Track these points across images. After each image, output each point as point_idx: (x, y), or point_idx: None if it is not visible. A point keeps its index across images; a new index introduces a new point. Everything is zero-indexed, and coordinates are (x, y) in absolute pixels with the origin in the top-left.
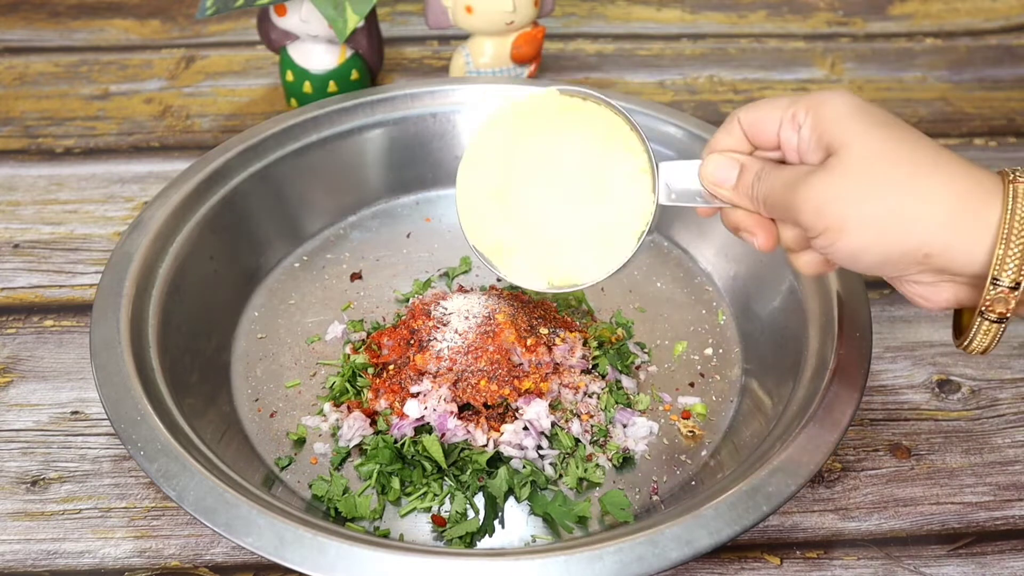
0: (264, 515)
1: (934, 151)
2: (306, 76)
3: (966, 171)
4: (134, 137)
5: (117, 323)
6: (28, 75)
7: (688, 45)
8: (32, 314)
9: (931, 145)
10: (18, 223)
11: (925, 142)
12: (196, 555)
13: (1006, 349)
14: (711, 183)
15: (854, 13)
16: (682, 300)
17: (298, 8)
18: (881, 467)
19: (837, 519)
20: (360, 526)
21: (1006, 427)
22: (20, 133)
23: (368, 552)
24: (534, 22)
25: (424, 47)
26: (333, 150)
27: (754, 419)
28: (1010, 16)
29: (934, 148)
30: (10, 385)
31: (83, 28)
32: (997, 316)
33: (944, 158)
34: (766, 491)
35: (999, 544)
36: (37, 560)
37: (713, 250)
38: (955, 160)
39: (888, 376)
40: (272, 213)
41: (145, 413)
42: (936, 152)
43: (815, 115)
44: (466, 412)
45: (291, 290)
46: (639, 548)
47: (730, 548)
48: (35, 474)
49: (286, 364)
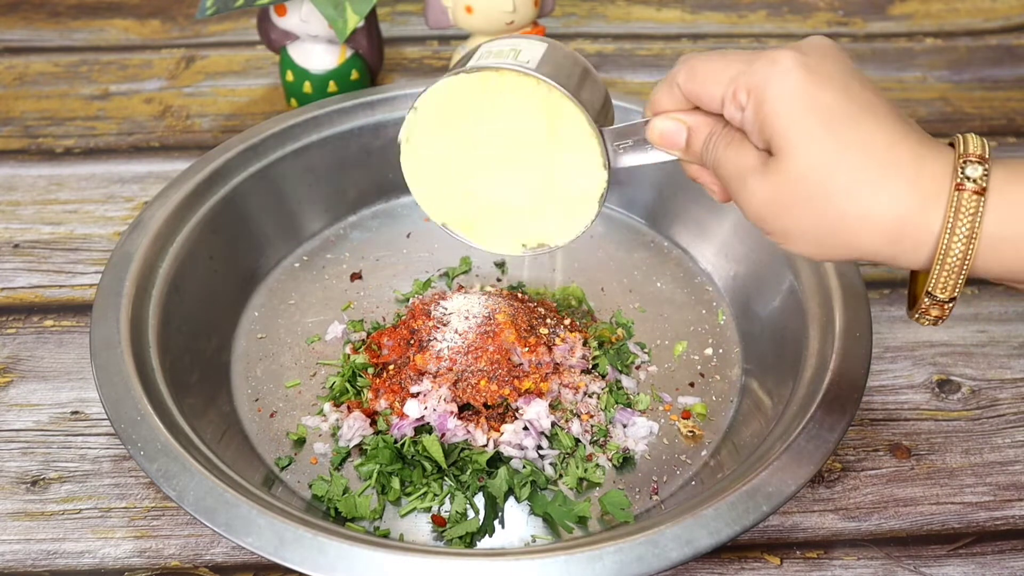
0: (264, 515)
1: (884, 149)
2: (306, 76)
3: (914, 174)
4: (134, 137)
5: (117, 323)
6: (28, 75)
7: (688, 45)
8: (32, 314)
9: (882, 141)
10: (18, 223)
11: (875, 138)
12: (196, 555)
13: (1006, 349)
14: (660, 145)
15: (854, 13)
16: (682, 300)
17: (298, 8)
18: (881, 467)
19: (837, 519)
20: (360, 526)
21: (1006, 427)
22: (20, 133)
23: (368, 552)
24: (534, 22)
25: (424, 47)
26: (333, 150)
27: (754, 419)
28: (1010, 16)
29: (885, 144)
30: (10, 385)
31: (83, 28)
32: (933, 318)
33: (894, 159)
34: (766, 491)
35: (999, 544)
36: (37, 560)
37: (713, 250)
38: (905, 159)
39: (888, 376)
40: (272, 213)
41: (145, 413)
42: (886, 151)
43: (756, 102)
44: (466, 412)
45: (291, 290)
46: (639, 548)
47: (730, 548)
48: (35, 474)
49: (286, 364)
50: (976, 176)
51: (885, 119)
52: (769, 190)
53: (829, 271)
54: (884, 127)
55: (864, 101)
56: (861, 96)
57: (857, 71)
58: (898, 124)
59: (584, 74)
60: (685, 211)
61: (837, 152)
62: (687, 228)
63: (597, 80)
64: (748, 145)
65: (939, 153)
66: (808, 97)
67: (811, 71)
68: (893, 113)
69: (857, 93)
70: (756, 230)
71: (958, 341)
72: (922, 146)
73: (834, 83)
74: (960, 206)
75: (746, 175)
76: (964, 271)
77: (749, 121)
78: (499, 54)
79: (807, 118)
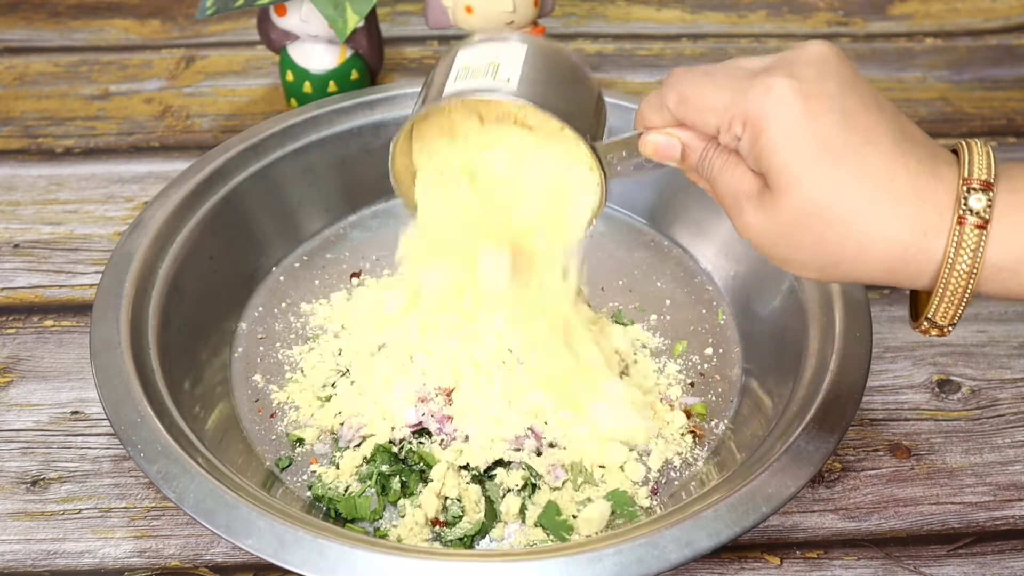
0: (264, 517)
1: (885, 182)
2: (306, 76)
3: (916, 208)
4: (134, 137)
5: (117, 324)
6: (28, 75)
7: (688, 45)
8: (32, 314)
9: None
10: (18, 223)
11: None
12: (196, 555)
13: (1006, 349)
14: (655, 158)
15: (854, 13)
16: (682, 300)
17: (298, 8)
18: (881, 467)
19: (837, 519)
20: (360, 527)
21: (1006, 427)
22: (20, 133)
23: (368, 554)
24: (534, 22)
25: (424, 47)
26: (333, 150)
27: (754, 419)
28: (1010, 16)
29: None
30: (10, 385)
31: (83, 28)
32: (937, 333)
33: (895, 192)
34: (766, 492)
35: (999, 544)
36: (37, 560)
37: (713, 249)
38: (906, 192)
39: (888, 376)
40: (272, 213)
41: (145, 415)
42: (887, 184)
43: (752, 134)
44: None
45: (291, 290)
46: (638, 550)
47: (730, 548)
48: (35, 474)
49: (286, 364)
50: (979, 208)
51: (886, 146)
52: (766, 221)
53: None
54: (884, 156)
55: (863, 127)
56: (860, 121)
57: (857, 81)
58: (899, 150)
59: (572, 75)
60: (685, 210)
61: (836, 187)
62: (687, 227)
63: (586, 79)
64: (743, 168)
65: (941, 179)
66: (805, 129)
67: (807, 98)
68: (894, 136)
69: (856, 117)
70: None
71: (958, 341)
72: (923, 173)
73: (833, 109)
74: (961, 241)
75: (742, 202)
76: (964, 302)
77: (745, 150)
78: (476, 73)
79: (805, 153)
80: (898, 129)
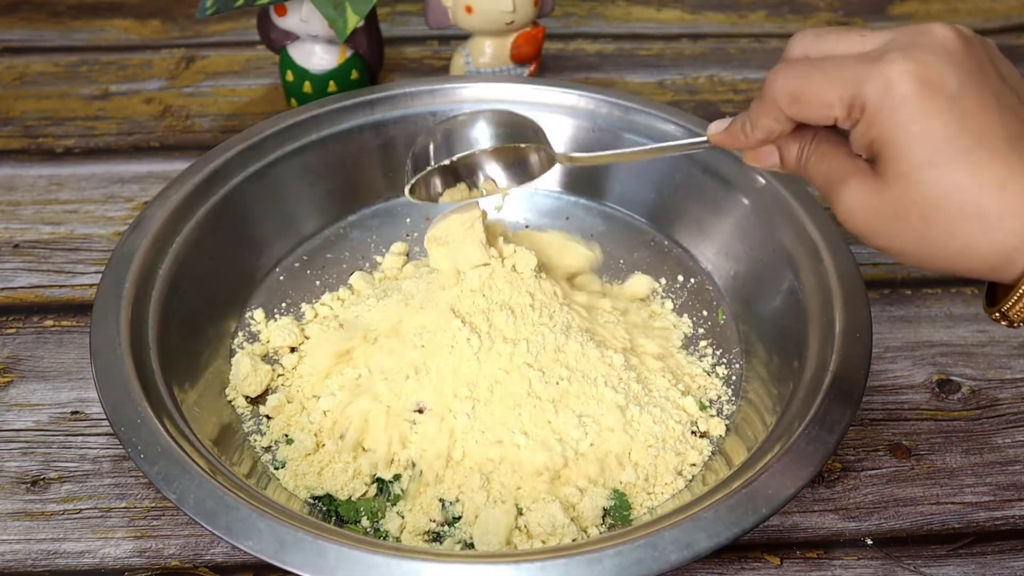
0: (264, 518)
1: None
2: (306, 76)
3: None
4: (134, 137)
5: (117, 324)
6: (28, 75)
7: (688, 45)
8: (32, 314)
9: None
10: (18, 223)
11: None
12: (196, 555)
13: (1006, 349)
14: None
15: (854, 13)
16: (682, 300)
17: (298, 8)
18: (881, 467)
19: (837, 519)
20: (360, 528)
21: (1006, 427)
22: (20, 133)
23: (369, 556)
24: (534, 22)
25: (424, 47)
26: (333, 150)
27: (754, 419)
28: (1010, 16)
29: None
30: (10, 385)
31: (83, 28)
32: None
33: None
34: (766, 493)
35: (999, 544)
36: (37, 560)
37: (713, 249)
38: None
39: (888, 376)
40: (272, 213)
41: (145, 416)
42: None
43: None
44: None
45: (291, 290)
46: (638, 551)
47: (730, 548)
48: (35, 474)
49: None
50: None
51: (1000, 150)
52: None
53: (829, 271)
54: (997, 160)
55: (978, 129)
56: (976, 122)
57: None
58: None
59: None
60: (685, 210)
61: (942, 191)
62: (687, 227)
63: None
64: (841, 156)
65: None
66: (919, 129)
67: (928, 91)
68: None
69: (972, 119)
70: (757, 230)
71: (958, 341)
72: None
73: (950, 109)
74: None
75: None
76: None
77: (859, 135)
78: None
79: (913, 152)
80: (1016, 130)
